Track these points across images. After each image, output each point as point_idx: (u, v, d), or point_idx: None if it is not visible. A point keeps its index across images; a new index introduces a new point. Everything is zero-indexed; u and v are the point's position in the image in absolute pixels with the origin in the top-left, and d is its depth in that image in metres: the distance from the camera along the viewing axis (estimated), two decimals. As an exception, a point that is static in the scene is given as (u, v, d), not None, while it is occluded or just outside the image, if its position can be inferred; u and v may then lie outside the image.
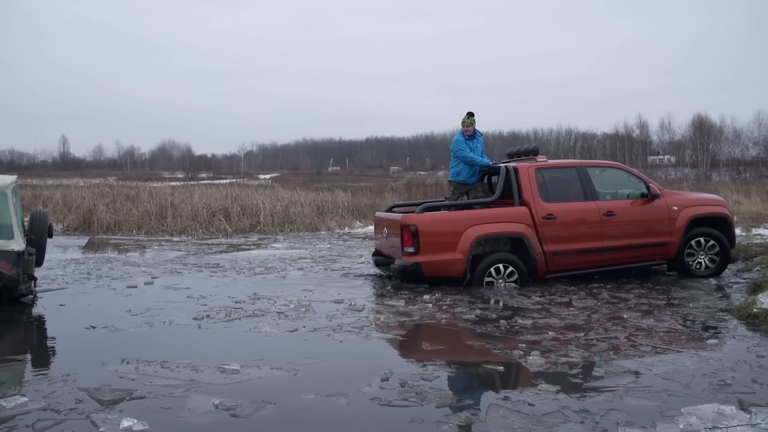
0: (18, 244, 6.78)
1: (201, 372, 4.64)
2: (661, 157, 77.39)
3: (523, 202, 8.42)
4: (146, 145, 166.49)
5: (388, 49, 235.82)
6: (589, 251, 8.46)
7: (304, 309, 6.97)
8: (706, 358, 4.84)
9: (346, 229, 20.39)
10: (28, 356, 5.65)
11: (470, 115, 9.40)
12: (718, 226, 9.06)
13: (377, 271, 9.83)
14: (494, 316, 6.58)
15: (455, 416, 3.69)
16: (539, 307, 6.95)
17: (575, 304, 7.11)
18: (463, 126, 9.39)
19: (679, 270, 9.06)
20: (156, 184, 32.17)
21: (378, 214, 10.17)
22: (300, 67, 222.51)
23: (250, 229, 18.80)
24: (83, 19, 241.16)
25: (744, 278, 8.70)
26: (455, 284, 8.13)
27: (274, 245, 14.87)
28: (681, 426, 3.41)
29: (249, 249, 14.01)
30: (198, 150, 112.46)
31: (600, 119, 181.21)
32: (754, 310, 6.15)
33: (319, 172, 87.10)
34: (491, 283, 8.10)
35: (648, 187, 8.82)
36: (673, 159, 75.20)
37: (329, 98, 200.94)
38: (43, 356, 5.64)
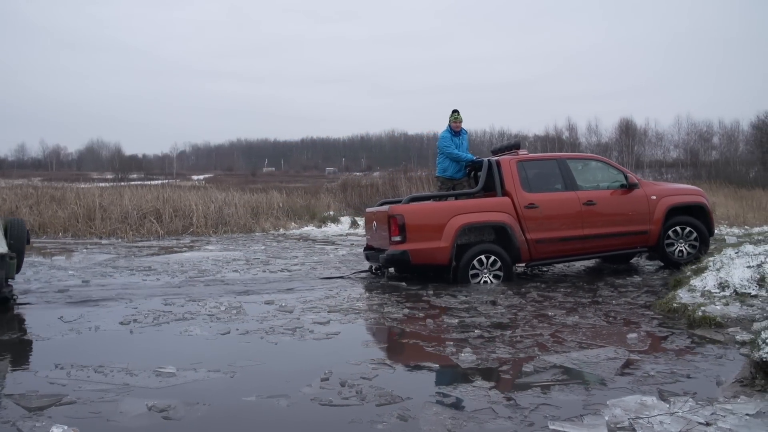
0: (2, 247, 6.87)
1: (136, 376, 4.55)
2: (589, 158, 79.59)
3: (505, 193, 8.74)
4: (73, 145, 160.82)
5: (321, 50, 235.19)
6: (570, 239, 8.80)
7: (235, 311, 6.90)
8: (628, 352, 5.04)
9: (281, 230, 20.24)
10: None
11: (456, 112, 9.73)
12: (696, 215, 9.47)
13: (315, 273, 9.82)
14: (422, 314, 6.69)
15: (391, 415, 3.72)
16: (466, 306, 7.08)
17: (501, 302, 7.28)
18: (450, 122, 9.71)
19: (660, 258, 9.54)
20: (84, 185, 31.14)
21: (368, 209, 10.47)
22: (234, 67, 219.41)
23: (182, 231, 18.44)
24: None
25: (661, 273, 9.09)
26: (435, 278, 8.42)
27: (207, 247, 14.63)
28: (606, 418, 3.55)
29: (181, 251, 13.74)
30: (128, 150, 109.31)
31: (531, 121, 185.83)
32: (674, 305, 6.45)
33: (254, 173, 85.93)
34: (476, 274, 8.37)
35: (626, 178, 9.21)
36: (600, 160, 77.48)
37: (264, 98, 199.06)
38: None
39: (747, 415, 3.53)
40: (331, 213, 23.95)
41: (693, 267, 7.45)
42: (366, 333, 6.11)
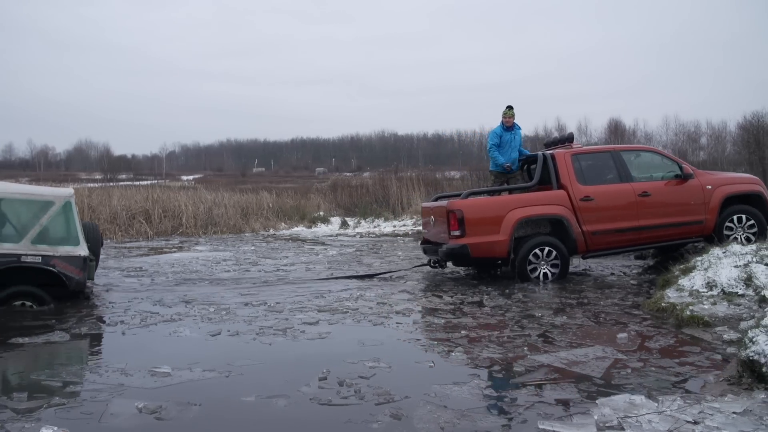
0: (84, 249, 7.16)
1: (130, 376, 4.55)
2: (578, 159, 79.97)
3: (560, 186, 8.85)
4: (61, 145, 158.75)
5: (311, 50, 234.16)
6: (626, 230, 8.83)
7: (224, 312, 6.91)
8: (617, 352, 5.07)
9: (271, 231, 20.23)
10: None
11: (510, 108, 9.77)
12: (753, 203, 9.34)
13: (304, 274, 9.82)
14: (415, 314, 6.75)
15: (386, 413, 3.73)
16: (452, 307, 7.10)
17: (486, 303, 7.31)
18: (503, 118, 9.76)
19: None
20: (72, 186, 30.97)
21: (424, 204, 10.64)
22: (224, 67, 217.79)
23: (171, 232, 18.41)
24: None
25: (650, 273, 9.15)
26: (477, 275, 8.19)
27: (196, 248, 14.60)
28: (596, 417, 3.58)
29: (171, 252, 13.72)
30: (117, 150, 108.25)
31: (521, 122, 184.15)
32: (663, 304, 6.49)
33: (244, 174, 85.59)
34: (534, 268, 8.51)
35: (681, 168, 9.20)
36: (590, 161, 77.89)
37: (254, 99, 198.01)
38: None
39: (734, 413, 3.57)
40: (321, 213, 23.96)
41: (681, 266, 7.50)
42: (358, 333, 6.08)
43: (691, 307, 6.12)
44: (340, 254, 13.41)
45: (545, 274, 8.54)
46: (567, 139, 9.86)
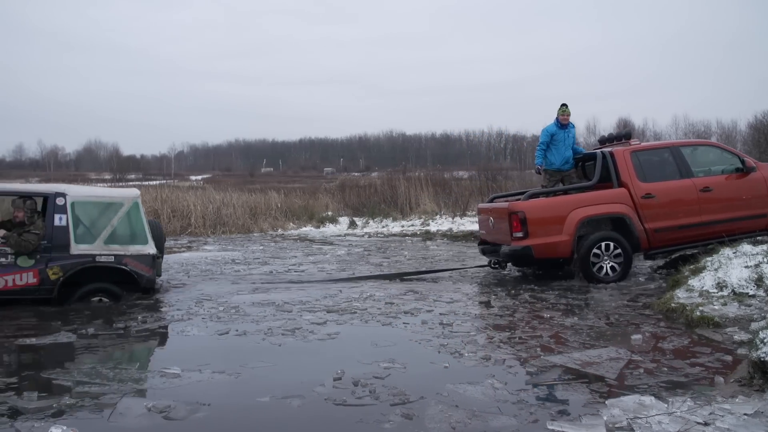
0: (152, 248, 7.57)
1: (141, 376, 4.58)
2: (587, 158, 79.68)
3: (621, 184, 8.80)
4: (71, 145, 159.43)
5: (318, 51, 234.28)
6: (688, 226, 8.76)
7: (233, 311, 6.94)
8: (628, 353, 5.05)
9: (279, 231, 20.27)
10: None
11: (565, 105, 9.75)
12: None
13: (305, 273, 9.83)
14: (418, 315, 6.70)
15: (399, 413, 3.73)
16: (460, 308, 7.08)
17: (494, 304, 7.29)
18: (559, 115, 9.72)
19: None
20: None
21: (481, 205, 10.68)
22: (231, 68, 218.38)
23: (180, 232, 18.47)
24: None
25: (659, 274, 9.11)
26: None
27: (205, 247, 14.65)
28: (605, 418, 3.56)
29: (180, 252, 13.76)
30: (126, 150, 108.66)
31: (529, 122, 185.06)
32: (672, 305, 6.45)
33: (252, 174, 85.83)
34: (599, 266, 8.46)
35: (743, 162, 9.09)
36: (599, 161, 77.60)
37: (261, 99, 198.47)
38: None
39: (745, 414, 3.54)
40: (330, 213, 23.98)
41: (691, 267, 7.46)
42: (367, 333, 6.08)
43: (701, 308, 6.08)
44: (348, 254, 13.41)
45: (610, 268, 8.52)
46: (624, 136, 9.80)
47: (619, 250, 8.51)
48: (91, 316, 6.76)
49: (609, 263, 8.50)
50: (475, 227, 17.98)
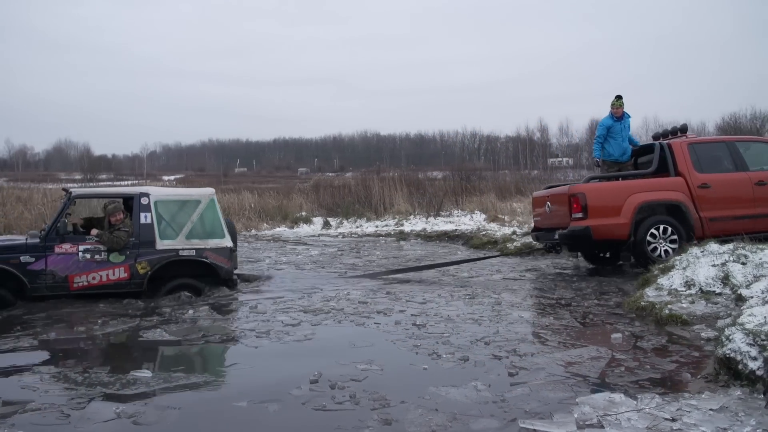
0: (229, 241, 8.12)
1: (112, 380, 4.50)
2: (560, 159, 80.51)
3: (678, 173, 9.17)
4: (40, 145, 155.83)
5: (295, 51, 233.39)
6: (743, 218, 9.01)
7: (207, 314, 6.87)
8: (599, 351, 5.11)
9: (253, 232, 20.16)
10: None
11: (619, 98, 9.95)
12: None
13: (280, 274, 9.80)
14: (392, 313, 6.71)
15: (377, 418, 3.69)
16: (432, 309, 7.07)
17: (468, 303, 7.32)
18: (612, 108, 9.94)
19: None
20: (51, 186, 30.61)
21: (536, 193, 11.07)
22: (206, 67, 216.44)
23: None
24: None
25: (634, 273, 9.23)
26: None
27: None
28: (576, 415, 3.60)
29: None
30: (97, 150, 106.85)
31: (503, 123, 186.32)
32: (642, 303, 6.55)
33: (226, 174, 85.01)
34: (654, 248, 8.77)
35: None
36: (571, 161, 78.47)
37: (236, 99, 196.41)
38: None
39: (711, 410, 3.61)
40: (304, 214, 23.91)
41: (660, 266, 7.58)
42: (343, 334, 6.06)
43: (669, 306, 6.19)
44: (322, 254, 13.39)
45: (665, 251, 8.75)
46: (680, 130, 10.07)
47: (675, 236, 8.80)
48: (52, 322, 6.67)
49: (664, 246, 8.79)
50: (448, 228, 18.16)
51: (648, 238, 8.74)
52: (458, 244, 15.51)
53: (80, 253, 7.46)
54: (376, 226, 20.74)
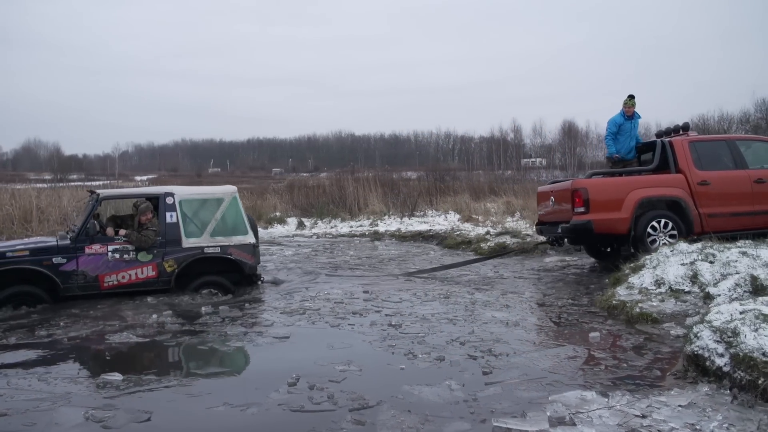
0: (252, 237, 8.31)
1: (80, 384, 4.43)
2: (533, 159, 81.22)
3: (678, 170, 9.36)
4: (8, 144, 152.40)
5: (269, 51, 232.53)
6: (741, 214, 9.23)
7: (180, 316, 6.81)
8: (570, 349, 5.17)
9: (228, 232, 19.93)
10: None
11: (632, 97, 10.16)
12: None
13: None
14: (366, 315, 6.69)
15: (350, 419, 3.68)
16: (407, 309, 7.09)
17: (443, 303, 7.35)
18: (624, 107, 10.14)
19: None
20: (19, 186, 29.94)
21: (541, 188, 11.26)
22: (180, 67, 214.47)
23: (124, 234, 17.97)
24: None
25: (599, 273, 9.36)
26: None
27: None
28: (548, 413, 3.64)
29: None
30: (68, 150, 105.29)
31: (477, 123, 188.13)
32: (613, 302, 6.64)
33: (200, 174, 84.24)
34: (653, 240, 8.92)
35: None
36: (544, 162, 79.21)
37: (210, 99, 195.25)
38: None
39: (680, 406, 3.68)
40: (278, 214, 23.76)
41: (631, 265, 7.67)
42: (317, 336, 6.05)
43: (640, 305, 6.28)
44: (296, 254, 13.34)
45: (664, 245, 8.80)
46: (682, 128, 10.24)
47: (674, 231, 8.96)
48: (13, 327, 6.52)
49: (664, 239, 8.94)
50: (423, 228, 18.21)
51: (648, 230, 8.94)
52: (432, 244, 15.54)
53: (110, 253, 7.64)
54: (351, 227, 20.71)
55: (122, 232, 7.79)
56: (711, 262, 6.76)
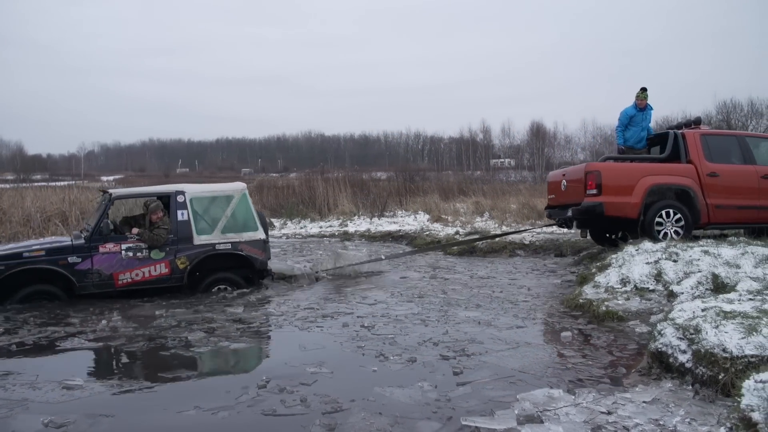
0: (262, 233, 8.47)
1: (39, 389, 4.31)
2: (502, 160, 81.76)
3: (689, 161, 9.62)
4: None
5: (238, 51, 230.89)
6: (747, 208, 9.54)
7: (144, 318, 6.71)
8: (535, 347, 5.22)
9: (196, 233, 19.74)
10: None
11: (644, 90, 10.37)
12: None
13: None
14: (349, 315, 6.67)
15: (319, 423, 3.64)
16: (380, 310, 7.11)
17: (417, 303, 7.37)
18: (637, 99, 10.35)
19: None
20: (-20, 186, 29.35)
21: (552, 173, 11.66)
22: (147, 66, 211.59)
23: (90, 235, 17.68)
24: None
25: (571, 271, 9.49)
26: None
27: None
28: (516, 411, 3.67)
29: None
30: (31, 149, 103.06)
31: (446, 124, 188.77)
32: (580, 300, 6.74)
33: (167, 174, 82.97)
34: (661, 229, 9.10)
35: None
36: (512, 162, 79.83)
37: (178, 98, 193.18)
38: None
39: (644, 402, 3.74)
40: (247, 215, 23.57)
41: (598, 264, 7.80)
42: (283, 339, 6.01)
43: (606, 303, 6.38)
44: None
45: (674, 232, 9.11)
46: (694, 122, 10.45)
47: (682, 222, 9.15)
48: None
49: (672, 228, 9.13)
50: (392, 228, 18.24)
51: (657, 219, 9.12)
52: (402, 244, 15.57)
53: (123, 252, 7.77)
54: (321, 227, 20.66)
55: (135, 230, 7.93)
56: (675, 261, 6.90)
